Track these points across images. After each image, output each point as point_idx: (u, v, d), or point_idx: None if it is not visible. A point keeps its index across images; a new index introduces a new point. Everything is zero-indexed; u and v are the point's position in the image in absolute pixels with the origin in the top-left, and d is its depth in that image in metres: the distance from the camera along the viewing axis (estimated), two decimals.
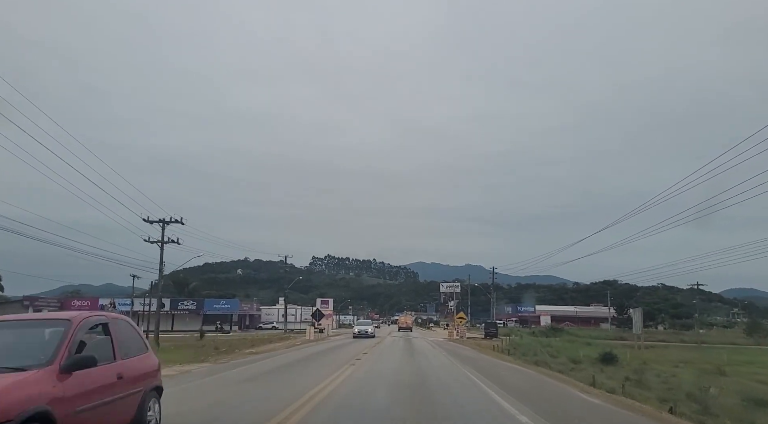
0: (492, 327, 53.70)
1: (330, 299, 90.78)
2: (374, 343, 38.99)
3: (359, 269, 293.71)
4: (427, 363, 22.74)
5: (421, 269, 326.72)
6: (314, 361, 22.69)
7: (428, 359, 25.46)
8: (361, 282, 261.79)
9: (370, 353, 28.12)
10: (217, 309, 77.84)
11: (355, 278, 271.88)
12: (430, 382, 14.70)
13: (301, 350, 31.75)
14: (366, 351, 29.71)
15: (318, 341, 42.65)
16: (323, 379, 14.39)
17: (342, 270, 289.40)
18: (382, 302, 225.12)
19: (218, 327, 65.13)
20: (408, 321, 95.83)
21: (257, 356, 26.37)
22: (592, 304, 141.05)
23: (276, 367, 19.63)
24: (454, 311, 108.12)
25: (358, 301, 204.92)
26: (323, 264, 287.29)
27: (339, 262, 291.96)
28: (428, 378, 15.65)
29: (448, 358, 26.75)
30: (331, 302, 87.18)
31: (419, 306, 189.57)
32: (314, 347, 34.44)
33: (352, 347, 33.69)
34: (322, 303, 77.74)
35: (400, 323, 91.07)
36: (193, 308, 79.06)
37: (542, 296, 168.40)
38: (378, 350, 31.78)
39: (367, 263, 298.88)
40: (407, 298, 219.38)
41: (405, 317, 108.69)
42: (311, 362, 21.92)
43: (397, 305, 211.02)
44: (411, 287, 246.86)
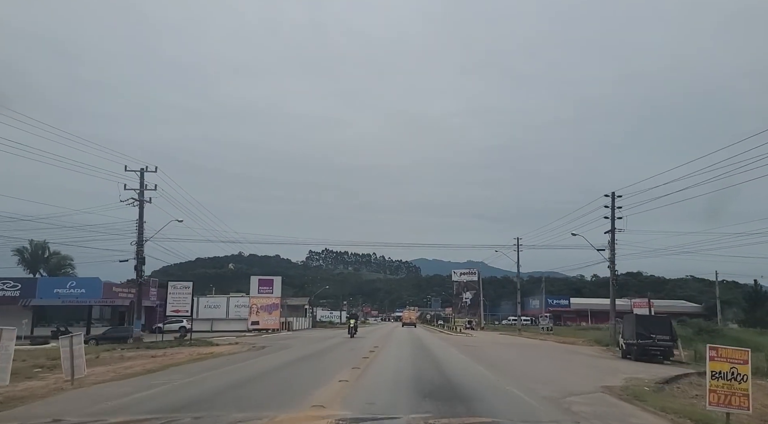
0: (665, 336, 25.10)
1: (273, 277, 62.41)
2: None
3: (358, 263, 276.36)
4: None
5: (422, 265, 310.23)
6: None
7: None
8: (360, 277, 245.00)
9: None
10: (61, 296, 46.66)
11: (354, 272, 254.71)
12: None
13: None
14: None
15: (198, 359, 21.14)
16: None
17: (340, 264, 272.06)
18: (382, 297, 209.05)
19: (58, 330, 39.88)
20: (412, 317, 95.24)
21: None
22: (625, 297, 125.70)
23: None
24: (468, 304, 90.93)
25: (357, 297, 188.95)
26: (320, 258, 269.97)
27: (337, 256, 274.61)
28: None
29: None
30: (276, 282, 60.09)
31: (423, 301, 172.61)
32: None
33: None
34: (260, 284, 56.99)
35: (403, 318, 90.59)
36: (14, 293, 46.18)
37: (559, 290, 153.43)
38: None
39: (367, 257, 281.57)
40: (409, 293, 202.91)
41: (408, 312, 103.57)
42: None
43: (398, 300, 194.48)
44: (413, 281, 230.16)
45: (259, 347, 28.37)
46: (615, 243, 34.52)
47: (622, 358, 27.61)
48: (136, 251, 33.89)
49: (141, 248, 33.93)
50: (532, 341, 41.07)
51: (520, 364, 18.66)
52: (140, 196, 33.71)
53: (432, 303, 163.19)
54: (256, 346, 29.38)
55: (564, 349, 32.37)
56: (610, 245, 34.68)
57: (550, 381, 13.73)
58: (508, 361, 19.85)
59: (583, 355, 28.10)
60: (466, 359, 19.16)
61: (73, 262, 62.23)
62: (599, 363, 22.34)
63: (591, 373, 17.05)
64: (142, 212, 34.09)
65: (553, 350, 30.74)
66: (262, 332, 51.61)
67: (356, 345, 26.79)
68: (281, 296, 79.08)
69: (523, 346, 33.24)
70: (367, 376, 12.98)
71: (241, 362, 17.78)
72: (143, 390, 11.37)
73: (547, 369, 17.55)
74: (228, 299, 60.33)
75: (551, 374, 15.79)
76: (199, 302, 60.31)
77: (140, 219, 34.09)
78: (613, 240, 34.50)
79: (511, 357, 22.43)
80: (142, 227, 34.07)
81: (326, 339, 36.28)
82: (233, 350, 25.82)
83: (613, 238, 34.49)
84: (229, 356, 22.51)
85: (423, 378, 12.92)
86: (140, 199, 33.73)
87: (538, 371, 16.21)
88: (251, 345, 29.94)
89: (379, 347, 25.32)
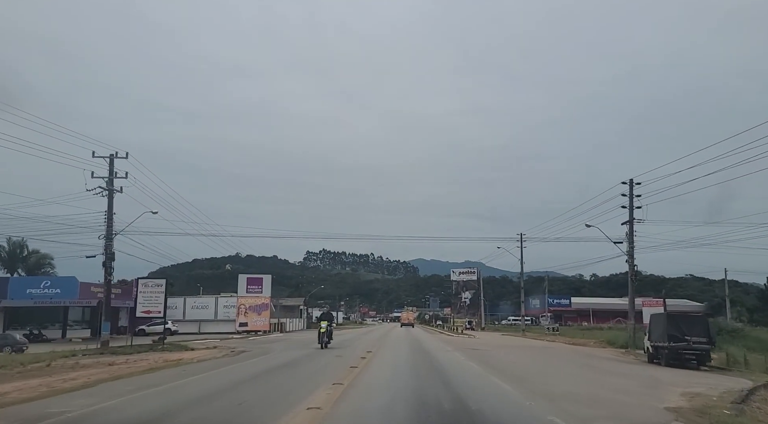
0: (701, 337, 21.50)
1: (263, 275, 59.33)
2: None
3: (356, 263, 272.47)
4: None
5: (420, 265, 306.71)
6: None
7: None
8: (358, 277, 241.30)
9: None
10: (34, 297, 42.90)
11: (351, 273, 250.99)
12: None
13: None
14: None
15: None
16: None
17: (338, 265, 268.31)
18: (380, 297, 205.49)
19: (31, 334, 38.20)
20: (410, 317, 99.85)
21: None
22: (623, 296, 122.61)
23: None
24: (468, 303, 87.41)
25: (354, 297, 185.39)
26: (318, 259, 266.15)
27: (335, 256, 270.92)
28: None
29: None
30: (266, 280, 56.67)
31: (421, 301, 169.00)
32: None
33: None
34: (249, 283, 53.59)
35: (402, 319, 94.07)
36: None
37: (558, 289, 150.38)
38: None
39: (365, 257, 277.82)
40: (407, 293, 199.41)
41: (407, 313, 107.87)
42: None
43: (396, 300, 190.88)
44: (411, 281, 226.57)
45: (237, 353, 24.81)
46: (633, 235, 30.96)
47: (649, 362, 24.06)
48: (104, 246, 30.29)
49: (110, 243, 30.33)
50: (541, 343, 37.54)
51: (542, 373, 15.14)
52: (109, 184, 30.12)
53: (430, 303, 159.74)
54: (235, 350, 25.81)
55: (579, 352, 28.84)
56: (627, 237, 31.11)
57: (594, 400, 10.20)
58: (526, 369, 16.30)
59: (604, 359, 24.57)
60: (477, 368, 15.61)
61: (53, 261, 58.45)
62: (630, 370, 18.80)
63: (632, 385, 13.52)
64: (111, 202, 30.51)
65: (569, 353, 27.19)
66: (251, 333, 47.99)
67: (344, 351, 23.15)
68: (273, 296, 75.18)
69: (534, 349, 29.68)
70: (350, 398, 9.45)
71: (201, 374, 14.23)
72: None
73: (576, 380, 14.02)
74: (216, 299, 56.66)
75: (586, 388, 12.26)
76: (186, 303, 56.66)
77: (109, 210, 30.50)
78: (631, 231, 30.98)
79: (526, 363, 18.89)
80: (111, 219, 30.48)
81: (314, 342, 32.69)
82: (205, 357, 22.21)
83: (631, 229, 30.97)
84: (197, 364, 18.94)
85: (427, 399, 9.38)
86: (109, 188, 30.13)
87: (568, 384, 12.70)
88: (230, 350, 26.36)
89: (372, 353, 21.73)
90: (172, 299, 57.81)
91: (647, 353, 25.10)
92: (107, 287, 30.40)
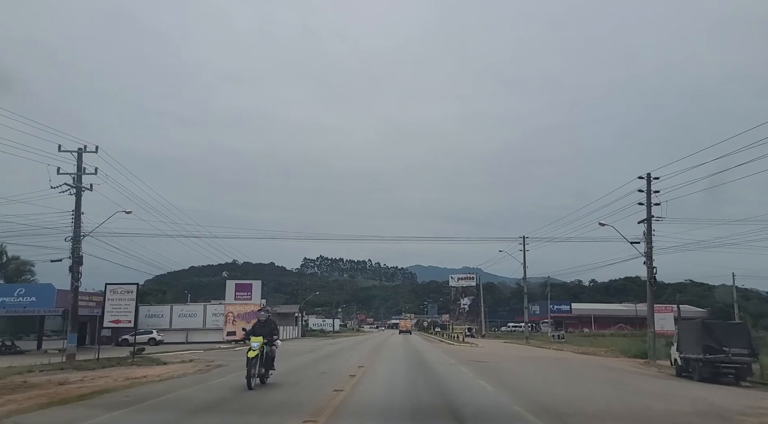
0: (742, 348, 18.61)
1: (252, 281, 55.13)
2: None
3: (354, 270, 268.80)
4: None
5: (418, 271, 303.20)
6: None
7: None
8: (355, 284, 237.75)
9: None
10: (7, 305, 38.94)
11: (349, 279, 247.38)
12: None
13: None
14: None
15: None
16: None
17: (335, 272, 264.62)
18: (378, 304, 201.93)
19: (3, 345, 35.81)
20: (408, 325, 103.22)
21: None
22: (624, 302, 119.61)
23: None
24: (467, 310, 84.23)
25: (352, 304, 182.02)
26: (315, 265, 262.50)
27: (332, 263, 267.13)
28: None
29: None
30: (256, 286, 52.93)
31: (419, 307, 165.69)
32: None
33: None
34: (237, 290, 49.97)
35: (401, 326, 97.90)
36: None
37: (557, 295, 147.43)
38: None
39: (362, 263, 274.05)
40: (405, 300, 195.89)
41: (405, 321, 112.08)
42: None
43: (394, 307, 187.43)
44: (409, 288, 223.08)
45: (213, 367, 21.73)
46: (652, 234, 28.01)
47: (678, 376, 21.04)
48: (71, 249, 27.20)
49: (78, 245, 27.33)
50: (550, 353, 34.46)
51: (570, 396, 12.09)
52: (76, 181, 27.12)
53: (428, 310, 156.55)
54: (212, 365, 22.69)
55: (596, 364, 25.78)
56: (645, 237, 28.15)
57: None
58: (549, 391, 13.24)
59: (627, 373, 21.54)
60: (491, 391, 12.55)
61: (33, 268, 55.09)
62: (669, 389, 15.77)
63: (687, 412, 10.51)
64: (79, 200, 27.55)
65: (586, 366, 24.11)
66: (240, 343, 44.67)
67: (332, 367, 20.05)
68: (266, 303, 71.77)
69: (546, 361, 26.59)
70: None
71: (139, 404, 11.16)
72: None
73: (618, 406, 10.98)
74: (205, 306, 53.39)
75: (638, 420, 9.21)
76: (173, 311, 53.45)
77: (77, 210, 27.51)
78: (649, 230, 28.04)
79: (545, 382, 15.83)
80: (78, 219, 27.47)
81: (302, 354, 29.56)
82: (174, 374, 19.10)
83: (649, 227, 28.03)
84: (156, 384, 15.91)
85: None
86: (77, 186, 27.12)
87: (614, 417, 9.64)
88: (207, 364, 23.22)
89: (364, 368, 18.64)
90: (158, 307, 54.61)
91: (675, 365, 22.08)
92: (74, 293, 27.34)
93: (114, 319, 25.31)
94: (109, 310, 25.29)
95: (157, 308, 53.90)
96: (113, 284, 25.73)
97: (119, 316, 25.25)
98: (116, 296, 25.35)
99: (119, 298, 25.32)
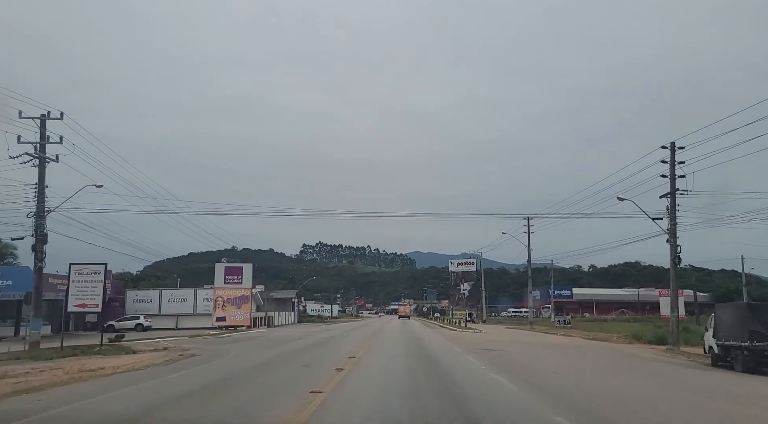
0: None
1: (243, 264, 51.52)
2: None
3: (353, 256, 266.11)
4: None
5: (417, 257, 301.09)
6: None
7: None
8: (354, 270, 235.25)
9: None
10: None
11: (348, 265, 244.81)
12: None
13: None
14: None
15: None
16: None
17: (335, 258, 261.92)
18: (377, 290, 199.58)
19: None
20: (407, 310, 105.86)
21: None
22: (624, 287, 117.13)
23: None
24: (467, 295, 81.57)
25: (351, 289, 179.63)
26: (314, 252, 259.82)
27: (331, 249, 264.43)
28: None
29: None
30: (246, 270, 48.97)
31: (418, 293, 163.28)
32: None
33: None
34: (227, 273, 46.37)
35: (400, 311, 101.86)
36: None
37: (557, 280, 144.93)
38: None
39: (362, 250, 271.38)
40: (404, 286, 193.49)
41: (404, 306, 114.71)
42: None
43: (393, 293, 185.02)
44: (408, 274, 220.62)
45: (185, 357, 18.89)
46: (676, 209, 25.03)
47: (713, 366, 18.20)
48: (34, 225, 24.19)
49: (41, 222, 24.29)
50: (560, 340, 31.61)
51: (616, 395, 9.15)
52: (39, 151, 24.04)
53: (428, 295, 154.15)
54: (185, 354, 19.84)
55: (616, 351, 22.95)
56: (668, 212, 25.17)
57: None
58: (589, 390, 10.31)
59: (656, 362, 18.72)
60: (514, 391, 9.61)
61: (16, 250, 52.11)
62: (720, 383, 12.92)
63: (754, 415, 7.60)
64: (42, 172, 24.48)
65: (606, 354, 21.25)
66: (230, 329, 41.91)
67: (318, 358, 17.12)
68: (264, 288, 68.91)
69: (560, 348, 23.76)
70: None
71: (65, 406, 8.29)
72: None
73: (689, 414, 8.05)
74: (195, 291, 50.51)
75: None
76: (162, 296, 50.61)
77: (40, 182, 24.44)
78: (673, 205, 25.05)
79: (572, 375, 12.97)
80: (42, 193, 24.42)
81: (290, 341, 26.73)
82: (135, 365, 16.22)
83: (673, 202, 25.04)
84: (102, 378, 13.13)
85: None
86: (39, 155, 24.04)
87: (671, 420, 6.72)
88: (180, 353, 20.36)
89: (356, 359, 15.73)
90: (147, 292, 51.74)
91: (710, 353, 19.20)
92: (38, 275, 24.35)
93: (79, 303, 22.42)
94: (74, 293, 22.40)
95: (145, 292, 51.06)
96: (78, 264, 22.79)
97: (85, 299, 22.36)
98: (82, 277, 22.44)
99: (85, 280, 22.41)
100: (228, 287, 44.44)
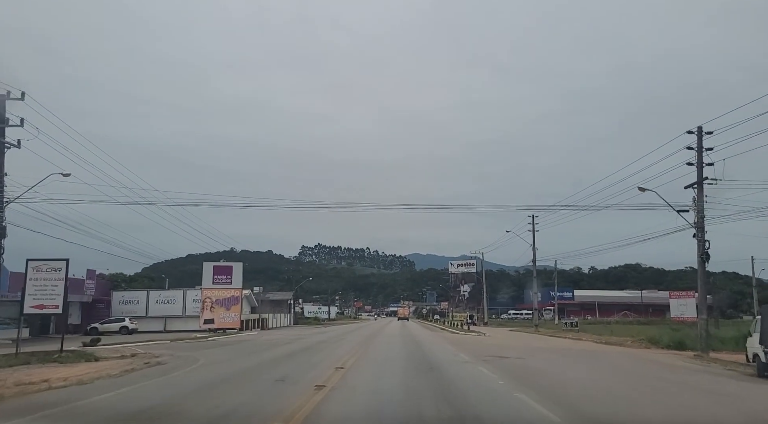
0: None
1: (233, 264, 48.00)
2: None
3: (352, 258, 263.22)
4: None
5: (416, 259, 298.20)
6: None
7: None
8: (353, 272, 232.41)
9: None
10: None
11: (347, 267, 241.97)
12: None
13: None
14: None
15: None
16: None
17: (333, 260, 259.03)
18: (376, 292, 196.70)
19: None
20: (405, 312, 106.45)
21: None
22: (625, 289, 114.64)
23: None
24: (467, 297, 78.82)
25: (349, 291, 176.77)
26: (313, 253, 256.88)
27: (330, 251, 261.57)
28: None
29: None
30: (236, 269, 45.76)
31: (418, 295, 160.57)
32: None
33: None
34: (216, 273, 43.56)
35: (399, 314, 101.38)
36: None
37: (557, 282, 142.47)
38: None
39: (360, 251, 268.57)
40: (403, 288, 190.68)
41: (403, 308, 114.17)
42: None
43: (392, 295, 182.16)
44: (407, 275, 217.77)
45: (150, 366, 16.25)
46: (704, 200, 22.42)
47: (760, 376, 15.53)
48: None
49: (0, 213, 21.67)
50: (572, 344, 28.90)
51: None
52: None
53: (427, 297, 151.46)
54: (151, 362, 17.15)
55: (642, 359, 20.28)
56: (695, 203, 22.55)
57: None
58: (647, 418, 7.63)
59: (694, 372, 16.06)
60: (545, 415, 6.93)
61: (2, 252, 49.20)
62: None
63: None
64: (1, 159, 21.84)
65: (635, 363, 18.58)
66: (218, 332, 39.15)
67: (299, 369, 14.41)
68: (261, 290, 66.26)
69: (577, 354, 21.07)
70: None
71: None
72: None
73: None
74: (184, 292, 47.85)
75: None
76: (149, 297, 47.93)
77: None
78: (700, 196, 22.43)
79: (620, 394, 10.22)
80: (1, 182, 21.75)
81: (277, 346, 24.02)
82: (85, 378, 13.54)
83: (700, 192, 22.43)
84: (33, 395, 10.38)
85: None
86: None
87: None
88: (147, 361, 17.65)
89: (344, 371, 13.05)
90: (134, 293, 48.96)
91: (755, 362, 16.53)
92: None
93: (37, 303, 19.72)
94: (32, 292, 19.69)
95: (132, 293, 48.34)
96: (36, 259, 20.07)
97: (44, 300, 19.66)
98: (40, 274, 19.76)
99: (44, 278, 19.73)
100: (217, 288, 41.68)
